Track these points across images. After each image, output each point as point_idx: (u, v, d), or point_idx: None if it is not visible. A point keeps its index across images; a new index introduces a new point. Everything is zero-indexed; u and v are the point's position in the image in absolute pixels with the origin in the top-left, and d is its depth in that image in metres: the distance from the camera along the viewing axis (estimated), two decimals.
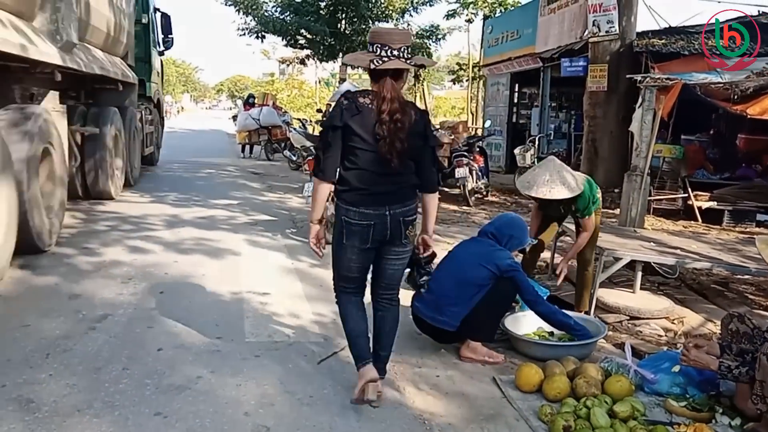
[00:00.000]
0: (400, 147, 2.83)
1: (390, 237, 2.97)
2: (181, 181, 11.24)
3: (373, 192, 2.90)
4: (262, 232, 7.07)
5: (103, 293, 4.57)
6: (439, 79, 49.60)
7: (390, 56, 2.84)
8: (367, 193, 2.90)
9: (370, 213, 2.90)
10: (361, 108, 2.84)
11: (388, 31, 3.15)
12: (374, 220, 2.91)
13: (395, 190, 2.94)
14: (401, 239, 3.00)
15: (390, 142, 2.81)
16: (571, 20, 12.33)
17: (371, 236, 2.93)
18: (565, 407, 3.05)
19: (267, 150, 16.58)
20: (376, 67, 2.85)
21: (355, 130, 2.84)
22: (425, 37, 20.20)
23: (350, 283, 3.13)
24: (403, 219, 2.95)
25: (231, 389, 3.17)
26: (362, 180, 2.89)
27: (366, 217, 2.90)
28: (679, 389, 3.23)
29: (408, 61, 2.91)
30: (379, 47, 2.85)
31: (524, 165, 11.43)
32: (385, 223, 2.92)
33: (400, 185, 2.95)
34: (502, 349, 3.87)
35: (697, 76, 6.88)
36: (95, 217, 7.38)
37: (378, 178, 2.89)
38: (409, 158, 2.93)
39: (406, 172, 2.95)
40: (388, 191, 2.92)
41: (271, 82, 49.57)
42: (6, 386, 3.05)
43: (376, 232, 2.93)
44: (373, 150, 2.84)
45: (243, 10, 18.23)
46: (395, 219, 2.93)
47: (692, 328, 4.58)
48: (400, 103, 2.86)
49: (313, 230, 3.06)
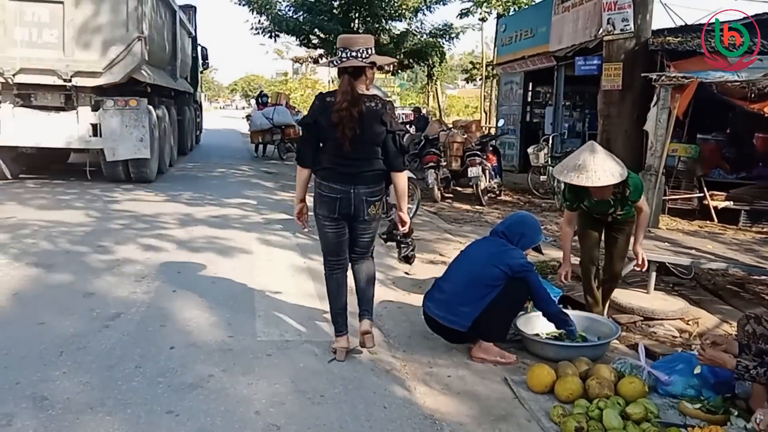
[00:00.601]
0: (351, 133, 3.32)
1: (355, 211, 3.48)
2: (195, 180, 11.31)
3: (339, 171, 3.44)
4: (275, 232, 7.09)
5: (117, 291, 4.61)
6: (453, 78, 49.46)
7: (348, 57, 3.36)
8: (335, 172, 3.45)
9: (338, 188, 3.45)
10: (327, 105, 3.40)
11: (350, 37, 3.59)
12: (341, 195, 3.45)
13: (359, 172, 3.44)
14: (365, 216, 3.51)
15: (342, 128, 3.32)
16: (586, 18, 12.22)
17: (337, 208, 3.47)
18: (577, 408, 3.03)
19: (280, 149, 16.63)
20: (336, 66, 3.42)
21: (322, 123, 3.41)
22: (438, 36, 20.12)
23: (331, 255, 3.67)
24: (365, 198, 3.47)
25: (242, 388, 3.18)
26: (330, 161, 3.45)
27: (333, 191, 3.46)
28: (694, 391, 3.19)
29: (363, 60, 3.36)
30: (341, 50, 3.40)
31: (537, 164, 11.37)
32: (350, 199, 3.45)
33: (362, 168, 3.44)
34: (514, 349, 3.85)
35: (713, 74, 6.80)
36: (109, 216, 7.44)
37: (342, 160, 3.42)
38: (372, 144, 3.42)
39: (368, 156, 3.44)
40: (352, 172, 3.43)
41: (284, 81, 49.72)
42: (20, 383, 3.08)
43: (342, 206, 3.46)
44: (334, 137, 3.37)
45: (256, 10, 18.27)
46: (359, 197, 3.45)
47: (707, 330, 4.53)
48: (353, 96, 3.33)
49: (297, 207, 3.69)
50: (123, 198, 8.82)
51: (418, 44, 19.76)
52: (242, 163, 15.30)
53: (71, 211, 7.66)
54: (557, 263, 5.89)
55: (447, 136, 10.92)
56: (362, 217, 3.52)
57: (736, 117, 10.36)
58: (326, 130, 3.42)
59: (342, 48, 3.41)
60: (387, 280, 5.34)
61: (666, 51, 10.30)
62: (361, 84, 3.41)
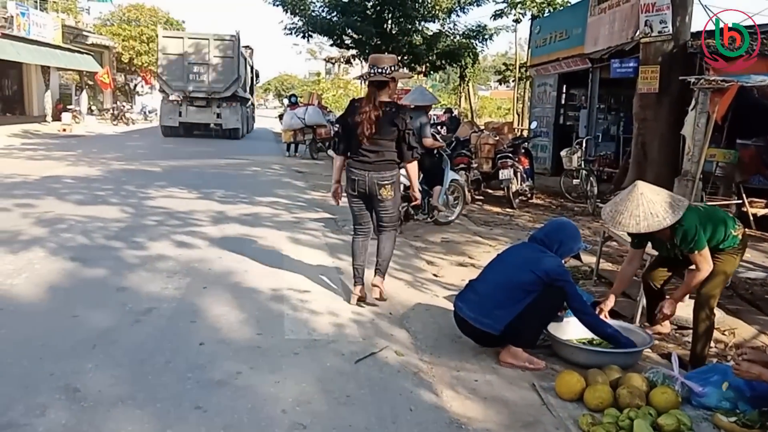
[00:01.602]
0: (368, 131, 4.32)
1: (369, 192, 4.47)
2: (228, 179, 11.44)
3: (359, 159, 4.44)
4: (305, 231, 7.13)
5: (149, 287, 4.69)
6: (485, 79, 49.17)
7: (375, 73, 4.34)
8: (355, 160, 4.47)
9: (357, 172, 4.46)
10: (355, 108, 4.45)
11: (379, 56, 4.54)
12: (358, 177, 4.45)
13: (374, 160, 4.40)
14: (377, 196, 4.47)
15: (361, 127, 4.34)
16: (622, 20, 12.03)
17: (357, 187, 4.48)
18: (606, 417, 2.97)
19: (311, 149, 16.73)
20: (367, 80, 4.45)
21: (349, 122, 4.46)
22: (471, 37, 20.00)
23: (356, 223, 4.73)
24: (377, 181, 4.41)
25: (269, 386, 3.20)
26: (354, 151, 4.49)
27: (354, 174, 4.47)
28: (729, 404, 3.10)
29: (386, 75, 4.33)
30: (371, 67, 4.41)
31: (570, 168, 11.22)
32: (365, 181, 4.43)
33: (375, 158, 4.39)
34: (543, 355, 3.79)
35: (754, 77, 6.61)
36: (144, 212, 7.58)
37: (361, 151, 4.42)
38: (385, 140, 4.37)
39: (380, 149, 4.38)
40: (367, 161, 4.41)
41: (317, 81, 50.04)
42: (54, 374, 3.15)
43: (360, 185, 4.46)
44: (356, 133, 4.39)
45: (291, 10, 18.42)
46: (372, 180, 4.42)
47: (744, 340, 4.40)
48: (375, 103, 4.33)
49: (333, 187, 4.75)
50: (157, 195, 8.98)
51: (450, 45, 19.68)
52: (274, 162, 15.43)
53: (107, 206, 7.83)
54: (588, 268, 5.81)
55: (478, 137, 10.85)
56: (377, 196, 4.46)
57: None
58: (352, 127, 4.40)
59: (371, 65, 4.40)
60: (416, 282, 5.32)
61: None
62: (384, 94, 4.37)
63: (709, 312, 3.77)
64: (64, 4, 31.54)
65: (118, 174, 11.17)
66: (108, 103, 31.20)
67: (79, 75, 29.00)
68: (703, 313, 3.76)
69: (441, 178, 7.54)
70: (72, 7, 33.71)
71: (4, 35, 19.81)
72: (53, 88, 26.58)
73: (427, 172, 7.30)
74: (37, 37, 22.93)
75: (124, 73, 37.13)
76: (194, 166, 13.09)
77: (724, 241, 3.77)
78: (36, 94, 25.26)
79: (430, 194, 7.45)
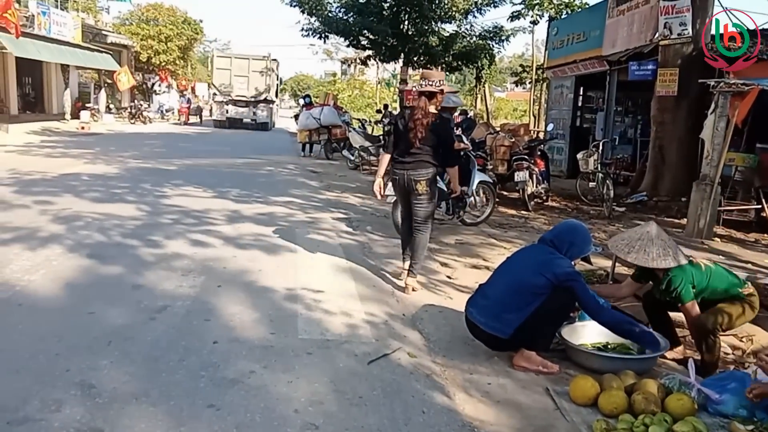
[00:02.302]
0: (413, 136, 4.87)
1: (407, 188, 5.00)
2: (243, 178, 11.50)
3: (400, 160, 5.03)
4: (319, 231, 7.15)
5: (164, 285, 4.72)
6: (501, 80, 48.98)
7: (426, 85, 4.94)
8: (398, 161, 5.05)
9: (398, 171, 5.04)
10: (408, 114, 5.03)
11: (429, 72, 5.28)
12: (398, 176, 5.04)
13: (413, 161, 4.95)
14: (414, 192, 4.97)
15: (413, 132, 4.88)
16: (641, 22, 11.93)
17: (398, 183, 5.07)
18: (621, 423, 2.94)
19: (326, 149, 16.77)
20: (419, 91, 5.02)
21: (400, 126, 5.06)
22: (488, 39, 19.93)
23: (402, 209, 5.39)
24: (413, 179, 4.93)
25: (282, 385, 3.21)
26: (398, 152, 5.06)
27: (396, 173, 5.07)
28: (746, 412, 3.06)
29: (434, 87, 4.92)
30: (423, 80, 5.07)
31: (587, 170, 11.14)
32: (403, 178, 4.98)
33: (414, 159, 4.95)
34: (557, 359, 3.76)
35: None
36: (160, 210, 7.64)
37: (405, 153, 4.99)
38: (427, 145, 4.89)
39: (422, 153, 4.93)
40: (408, 161, 4.97)
41: (333, 81, 50.16)
42: (70, 370, 3.18)
43: (400, 183, 5.04)
44: (406, 137, 4.93)
45: (307, 11, 18.48)
46: (409, 178, 4.96)
47: (762, 347, 4.34)
48: (423, 112, 4.88)
49: (376, 182, 5.24)
50: (173, 193, 9.04)
51: (467, 46, 19.63)
52: (289, 161, 15.49)
53: (124, 204, 7.90)
54: (604, 272, 5.76)
55: (494, 139, 10.81)
56: (414, 191, 4.97)
57: None
58: (404, 131, 4.98)
59: (423, 78, 5.10)
60: (429, 284, 5.31)
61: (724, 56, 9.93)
62: (432, 104, 4.93)
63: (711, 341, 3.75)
64: (84, 3, 31.90)
65: (135, 172, 11.27)
66: (126, 102, 31.50)
67: (98, 74, 29.30)
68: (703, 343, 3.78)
69: (467, 179, 7.64)
70: (92, 6, 34.09)
71: (25, 34, 20.06)
72: (72, 86, 26.89)
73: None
74: (57, 36, 23.19)
75: (142, 72, 37.44)
76: (210, 165, 13.18)
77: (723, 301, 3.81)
78: (55, 93, 25.55)
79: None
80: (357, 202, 9.54)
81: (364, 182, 12.10)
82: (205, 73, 57.00)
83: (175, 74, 40.14)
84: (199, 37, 42.94)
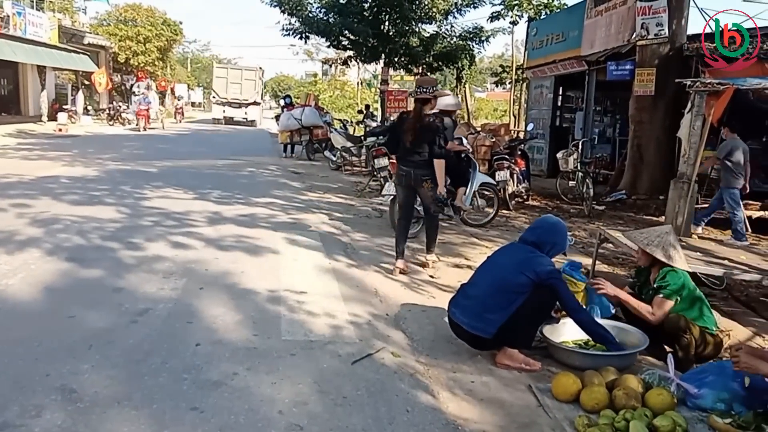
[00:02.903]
0: (411, 137, 5.48)
1: (414, 183, 5.57)
2: (224, 179, 11.43)
3: (405, 159, 5.61)
4: (301, 232, 7.13)
5: (145, 287, 4.68)
6: (482, 81, 49.24)
7: (420, 92, 5.53)
8: (402, 159, 5.67)
9: (405, 169, 5.61)
10: (404, 119, 5.78)
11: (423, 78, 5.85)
12: (404, 173, 5.61)
13: (416, 160, 5.52)
14: (420, 186, 5.55)
15: (406, 135, 5.53)
16: (619, 23, 12.07)
17: (404, 180, 5.64)
18: (602, 419, 2.98)
19: (308, 150, 16.72)
20: (414, 97, 5.72)
21: (398, 129, 5.75)
22: (468, 39, 20.02)
23: (401, 210, 5.87)
24: (420, 176, 5.51)
25: (266, 387, 3.20)
26: (401, 153, 5.68)
27: (402, 170, 5.66)
28: (724, 405, 3.11)
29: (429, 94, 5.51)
30: (417, 87, 5.68)
31: (566, 169, 11.24)
32: (409, 175, 5.56)
33: (417, 159, 5.51)
34: (539, 356, 3.80)
35: (750, 80, 6.65)
36: (140, 212, 7.56)
37: (407, 152, 5.58)
38: (424, 144, 5.43)
39: (422, 151, 5.48)
40: (412, 160, 5.54)
41: (314, 82, 50.02)
42: (50, 375, 3.15)
43: (406, 180, 5.61)
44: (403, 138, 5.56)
45: (288, 11, 18.41)
46: (415, 174, 5.53)
47: (739, 342, 4.42)
48: (418, 115, 5.50)
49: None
50: (153, 195, 8.96)
51: (447, 47, 19.70)
52: (270, 162, 15.42)
53: (103, 207, 7.81)
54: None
55: (475, 139, 10.86)
56: (420, 187, 5.55)
57: None
58: (400, 133, 5.62)
59: (418, 86, 5.67)
60: (412, 284, 5.33)
61: (701, 56, 10.09)
62: (427, 107, 5.49)
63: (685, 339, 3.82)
64: (60, 4, 31.46)
65: (115, 174, 11.15)
66: (104, 104, 31.13)
67: (76, 75, 28.92)
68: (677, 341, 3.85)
69: (465, 180, 7.79)
70: (68, 7, 33.63)
71: (0, 35, 19.74)
72: (49, 88, 26.49)
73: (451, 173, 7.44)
74: (33, 36, 22.86)
75: (121, 73, 37.05)
76: (190, 167, 13.08)
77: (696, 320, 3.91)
78: (32, 94, 25.19)
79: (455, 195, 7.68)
80: (339, 203, 9.54)
81: (346, 183, 12.10)
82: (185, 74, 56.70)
83: (155, 75, 39.71)
84: (179, 38, 42.60)
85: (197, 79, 64.65)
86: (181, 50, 57.28)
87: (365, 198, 10.24)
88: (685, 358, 3.81)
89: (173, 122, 33.38)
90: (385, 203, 7.42)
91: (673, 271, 3.94)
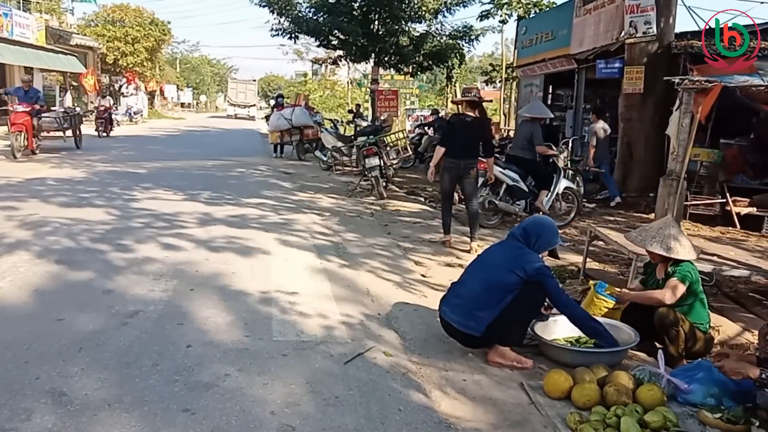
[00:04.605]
0: (461, 133, 6.56)
1: (461, 173, 6.58)
2: (214, 180, 11.38)
3: (455, 153, 6.58)
4: (293, 232, 7.11)
5: (136, 289, 4.65)
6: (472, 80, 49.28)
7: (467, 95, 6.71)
8: (452, 154, 6.60)
9: (454, 161, 6.60)
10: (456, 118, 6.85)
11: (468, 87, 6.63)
12: (454, 165, 6.60)
13: (464, 153, 6.56)
14: (466, 175, 6.58)
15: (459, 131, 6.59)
16: (607, 21, 12.12)
17: (451, 172, 6.64)
18: (594, 415, 2.99)
19: (298, 150, 16.66)
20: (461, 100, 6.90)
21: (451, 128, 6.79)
22: (458, 38, 20.02)
23: (443, 197, 6.89)
24: (468, 166, 6.56)
25: (258, 388, 3.19)
26: (451, 146, 6.61)
27: (451, 162, 6.62)
28: (714, 400, 3.14)
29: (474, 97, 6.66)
30: (465, 91, 6.90)
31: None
32: (459, 166, 6.57)
33: (464, 150, 6.56)
34: (531, 354, 3.81)
35: (737, 78, 6.69)
36: (130, 214, 7.52)
37: (457, 147, 6.57)
38: (471, 140, 6.58)
39: (468, 145, 6.58)
40: (460, 153, 6.55)
41: (304, 82, 49.96)
42: (40, 378, 3.13)
43: (454, 170, 6.62)
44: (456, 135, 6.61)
45: (277, 11, 18.34)
46: (463, 165, 6.56)
47: (728, 338, 4.46)
48: (466, 116, 6.59)
49: (431, 168, 7.00)
50: (143, 197, 8.91)
51: (437, 46, 19.68)
52: (261, 163, 15.36)
53: (92, 209, 7.76)
54: (575, 268, 5.85)
55: None
56: (465, 177, 6.59)
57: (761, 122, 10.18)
58: (453, 131, 6.65)
59: (465, 91, 6.91)
60: (404, 283, 5.33)
61: (689, 54, 10.16)
62: (473, 110, 6.58)
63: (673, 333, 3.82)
64: (47, 4, 31.20)
65: (104, 176, 11.07)
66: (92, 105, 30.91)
67: (63, 76, 28.72)
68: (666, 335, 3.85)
69: (549, 184, 8.17)
70: (56, 7, 33.36)
71: None
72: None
73: (536, 175, 8.26)
74: (19, 38, 22.66)
75: (109, 74, 36.82)
76: (180, 168, 13.02)
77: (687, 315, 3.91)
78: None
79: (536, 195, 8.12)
80: (330, 203, 9.53)
81: (337, 183, 12.08)
82: (174, 74, 56.68)
83: (143, 76, 39.49)
84: (167, 38, 42.35)
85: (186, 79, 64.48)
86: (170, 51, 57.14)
87: (356, 198, 10.24)
88: (675, 353, 3.83)
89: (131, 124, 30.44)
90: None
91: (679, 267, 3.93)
